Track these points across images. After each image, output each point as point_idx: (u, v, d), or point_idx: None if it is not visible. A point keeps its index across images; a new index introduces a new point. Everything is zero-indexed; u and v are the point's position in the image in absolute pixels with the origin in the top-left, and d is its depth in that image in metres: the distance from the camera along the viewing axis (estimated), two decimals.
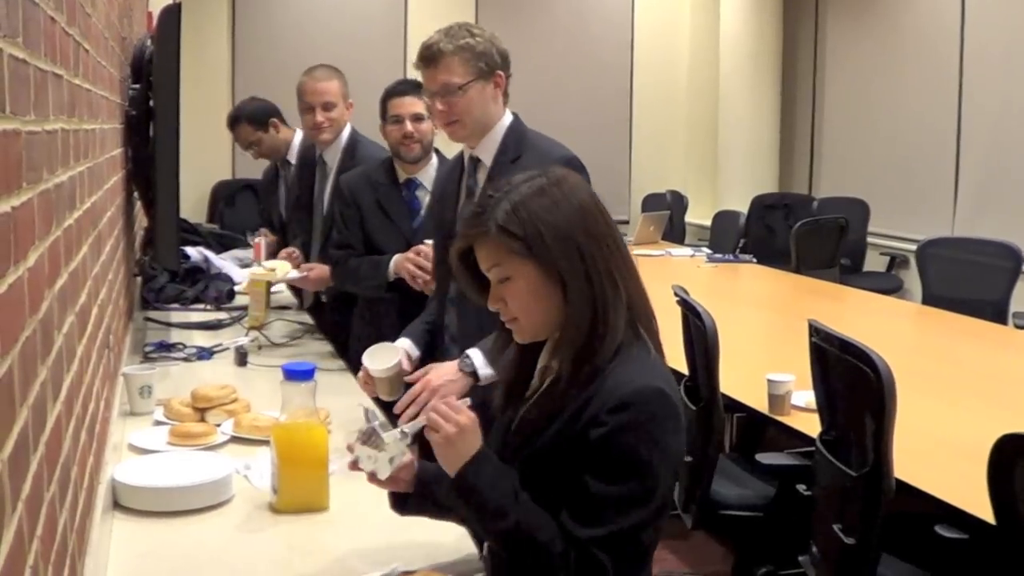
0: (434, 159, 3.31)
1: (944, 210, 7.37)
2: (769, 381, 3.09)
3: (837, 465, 2.57)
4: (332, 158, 3.70)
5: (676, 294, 3.38)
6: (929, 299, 4.96)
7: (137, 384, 2.59)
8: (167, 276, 3.98)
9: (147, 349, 3.22)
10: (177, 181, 2.91)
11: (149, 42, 3.06)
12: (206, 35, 8.24)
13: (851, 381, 2.54)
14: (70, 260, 1.44)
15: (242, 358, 3.15)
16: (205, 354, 3.22)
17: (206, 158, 8.23)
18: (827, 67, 8.73)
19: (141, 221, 3.86)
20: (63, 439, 1.27)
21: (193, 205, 8.16)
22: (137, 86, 3.03)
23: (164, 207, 2.93)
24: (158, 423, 2.50)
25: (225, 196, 8.49)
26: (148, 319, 3.69)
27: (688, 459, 3.06)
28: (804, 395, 3.05)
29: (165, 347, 3.25)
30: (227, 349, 3.27)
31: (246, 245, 5.03)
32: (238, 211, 8.33)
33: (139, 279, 3.91)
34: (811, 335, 2.76)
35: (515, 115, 2.59)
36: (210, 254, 4.41)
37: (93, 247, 1.83)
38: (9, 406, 0.93)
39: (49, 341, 1.19)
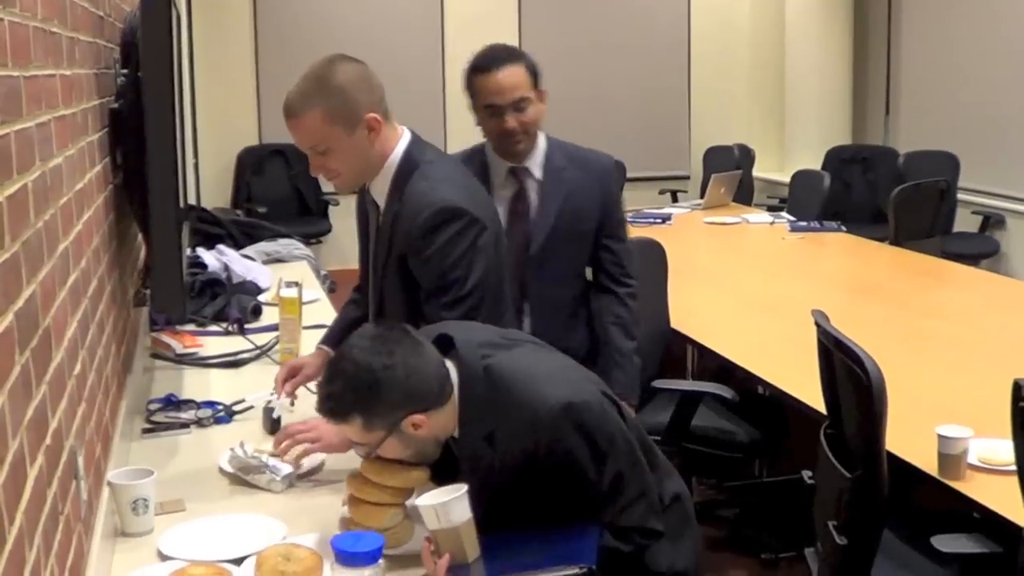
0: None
1: None
2: (940, 437, 2.44)
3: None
4: (380, 191, 2.32)
5: (817, 323, 2.61)
6: None
7: (128, 498, 1.94)
8: None
9: (151, 407, 2.65)
10: (177, 203, 2.33)
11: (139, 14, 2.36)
12: None
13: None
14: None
15: (274, 424, 2.43)
16: (223, 417, 2.58)
17: (230, 122, 7.81)
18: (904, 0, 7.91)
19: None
20: None
21: (217, 175, 7.78)
22: (126, 72, 2.40)
23: (162, 240, 2.28)
24: None
25: (252, 164, 7.84)
26: (155, 356, 3.08)
27: (843, 541, 2.40)
28: (980, 444, 2.46)
29: (173, 403, 2.67)
30: (252, 407, 2.61)
31: (273, 235, 4.72)
32: (266, 180, 7.82)
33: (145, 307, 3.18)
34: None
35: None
36: (232, 256, 4.03)
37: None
38: None
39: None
